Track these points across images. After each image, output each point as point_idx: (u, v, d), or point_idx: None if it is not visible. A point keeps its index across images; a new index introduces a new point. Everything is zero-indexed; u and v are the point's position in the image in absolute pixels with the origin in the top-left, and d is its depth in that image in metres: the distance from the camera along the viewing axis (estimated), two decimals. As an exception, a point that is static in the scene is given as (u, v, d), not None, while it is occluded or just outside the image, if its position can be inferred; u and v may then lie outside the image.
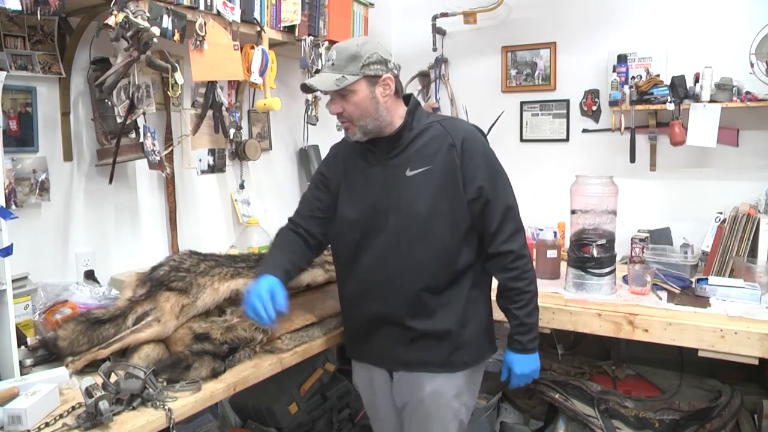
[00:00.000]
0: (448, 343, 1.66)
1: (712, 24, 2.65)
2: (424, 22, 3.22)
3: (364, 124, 1.59)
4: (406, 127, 1.63)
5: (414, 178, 1.60)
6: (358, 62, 1.54)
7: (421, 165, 1.60)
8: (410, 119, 1.64)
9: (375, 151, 1.66)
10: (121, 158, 1.91)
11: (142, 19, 1.64)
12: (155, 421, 1.33)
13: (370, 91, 1.57)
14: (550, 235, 2.45)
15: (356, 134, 1.62)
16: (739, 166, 2.66)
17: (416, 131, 1.63)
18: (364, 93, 1.56)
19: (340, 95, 1.57)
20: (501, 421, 2.71)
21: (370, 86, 1.56)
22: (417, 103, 1.69)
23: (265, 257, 1.83)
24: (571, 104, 3.03)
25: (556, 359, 2.73)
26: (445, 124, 1.65)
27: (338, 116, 1.62)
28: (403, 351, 1.67)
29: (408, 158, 1.62)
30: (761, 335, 1.79)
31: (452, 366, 1.68)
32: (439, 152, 1.60)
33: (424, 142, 1.62)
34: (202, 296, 1.71)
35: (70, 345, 1.55)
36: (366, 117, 1.58)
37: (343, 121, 1.62)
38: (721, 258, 2.40)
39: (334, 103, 1.60)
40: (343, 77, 1.54)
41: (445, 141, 1.60)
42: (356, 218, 1.67)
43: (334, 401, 2.50)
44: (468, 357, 1.70)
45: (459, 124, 1.68)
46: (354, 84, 1.55)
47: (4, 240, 1.38)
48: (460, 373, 1.69)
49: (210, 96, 2.13)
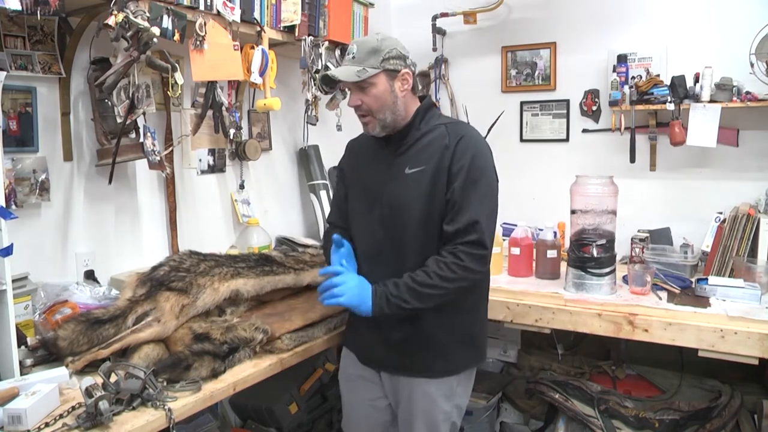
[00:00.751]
0: (432, 350, 1.66)
1: (712, 24, 2.65)
2: (424, 22, 3.22)
3: (383, 117, 1.63)
4: (413, 126, 1.67)
5: (410, 176, 1.64)
6: (378, 56, 1.58)
7: (418, 165, 1.63)
8: (418, 119, 1.67)
9: (384, 148, 1.71)
10: (121, 158, 1.91)
11: (142, 19, 1.64)
12: (155, 421, 1.33)
13: (389, 84, 1.61)
14: (550, 235, 2.45)
15: (375, 128, 1.66)
16: (739, 166, 2.66)
17: (422, 131, 1.67)
18: (383, 86, 1.60)
19: (360, 88, 1.61)
20: (501, 421, 2.71)
21: (389, 80, 1.61)
22: (430, 105, 1.73)
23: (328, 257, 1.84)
24: (571, 104, 3.03)
25: (556, 359, 2.73)
26: (450, 127, 1.67)
27: (356, 109, 1.65)
28: (388, 353, 1.70)
29: (410, 157, 1.66)
30: (761, 335, 1.79)
31: (434, 372, 1.67)
32: (435, 154, 1.63)
33: (426, 143, 1.65)
34: (202, 296, 1.72)
35: (70, 345, 1.55)
36: (385, 110, 1.62)
37: (362, 114, 1.65)
38: (721, 258, 2.40)
39: (353, 96, 1.64)
40: (363, 69, 1.58)
41: (442, 143, 1.63)
42: (362, 210, 1.73)
43: (334, 401, 2.50)
44: (452, 365, 1.69)
45: (462, 128, 1.69)
46: (374, 77, 1.59)
47: (4, 240, 1.38)
48: (449, 377, 1.69)
49: (210, 96, 2.13)
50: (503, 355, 2.87)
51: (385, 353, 1.70)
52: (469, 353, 1.73)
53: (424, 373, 1.67)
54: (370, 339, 1.72)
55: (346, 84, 1.66)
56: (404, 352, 1.67)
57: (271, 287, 1.92)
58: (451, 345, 1.68)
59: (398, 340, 1.67)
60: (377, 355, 1.73)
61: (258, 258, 2.01)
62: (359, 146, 1.84)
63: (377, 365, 1.76)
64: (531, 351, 2.85)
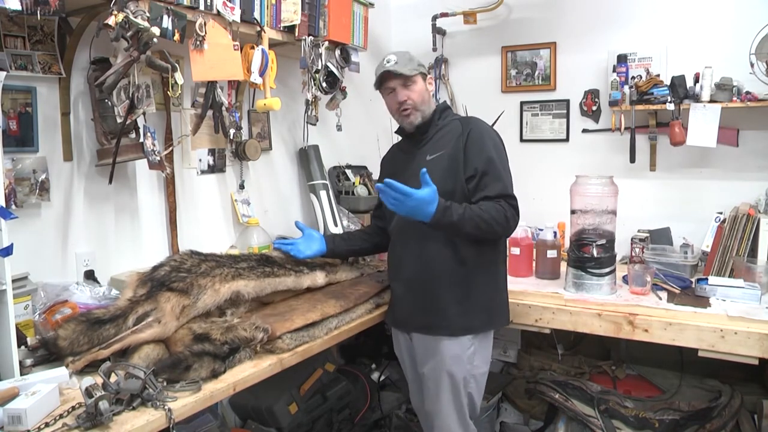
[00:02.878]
0: (452, 310, 1.91)
1: (712, 24, 2.65)
2: (424, 22, 3.22)
3: (423, 109, 1.98)
4: (432, 122, 2.01)
5: (432, 161, 1.93)
6: (414, 62, 1.98)
7: (438, 150, 1.95)
8: (436, 116, 2.02)
9: (409, 145, 2.07)
10: (121, 158, 1.91)
11: (142, 19, 1.64)
12: (155, 422, 1.33)
13: (424, 84, 2.00)
14: (550, 235, 2.45)
15: (417, 118, 1.98)
16: (739, 166, 2.66)
17: (440, 126, 2.01)
18: (421, 85, 1.98)
19: (405, 86, 1.95)
20: (501, 421, 2.72)
21: (423, 80, 2.00)
22: (446, 106, 2.09)
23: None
24: (571, 104, 3.03)
25: (556, 359, 2.73)
26: (463, 120, 2.02)
27: (402, 104, 1.96)
28: (415, 315, 1.98)
29: (430, 146, 1.99)
30: (761, 335, 1.79)
31: (456, 330, 1.91)
32: (451, 141, 1.94)
33: (444, 133, 1.99)
34: (203, 297, 1.72)
35: (71, 345, 1.55)
36: (424, 104, 1.98)
37: (406, 108, 1.96)
38: (721, 258, 2.40)
39: (401, 93, 1.95)
40: (413, 68, 1.95)
41: (456, 131, 1.96)
42: None
43: (334, 401, 2.50)
44: (471, 323, 1.93)
45: (474, 121, 2.01)
46: (417, 76, 1.97)
47: (4, 240, 1.38)
48: (466, 337, 1.92)
49: (210, 96, 2.12)
50: (503, 355, 2.87)
51: (415, 316, 1.99)
52: (487, 314, 1.96)
53: (448, 330, 1.91)
54: (405, 305, 2.01)
55: (390, 84, 1.96)
56: (431, 312, 1.93)
57: (272, 289, 1.92)
58: (468, 305, 1.92)
59: (425, 302, 1.94)
60: (409, 318, 2.02)
61: (259, 258, 2.01)
62: (391, 156, 2.21)
63: (408, 328, 2.05)
64: (531, 351, 2.85)
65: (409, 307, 2.00)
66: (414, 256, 1.96)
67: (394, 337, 2.18)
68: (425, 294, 1.95)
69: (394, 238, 2.07)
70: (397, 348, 2.18)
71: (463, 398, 1.94)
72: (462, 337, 1.92)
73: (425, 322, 1.96)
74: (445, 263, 1.91)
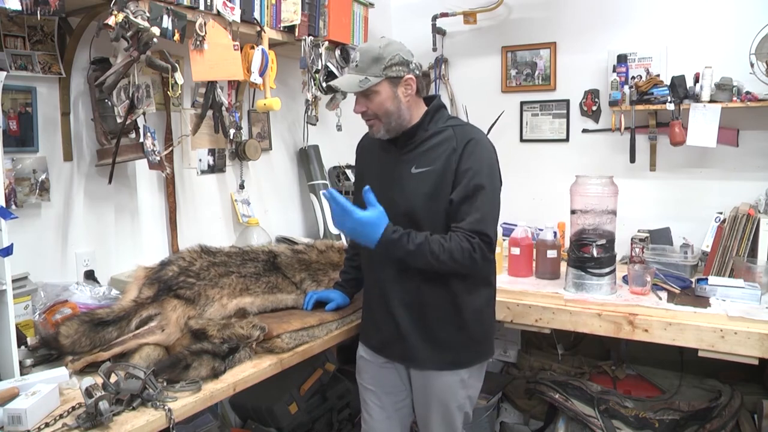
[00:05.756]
0: (441, 342, 1.72)
1: (712, 24, 2.65)
2: (424, 22, 3.22)
3: (387, 121, 1.67)
4: (420, 126, 1.70)
5: (417, 175, 1.67)
6: (380, 64, 1.61)
7: (425, 165, 1.67)
8: (427, 119, 1.71)
9: (392, 147, 1.74)
10: (121, 158, 1.91)
11: (142, 19, 1.64)
12: (155, 422, 1.33)
13: (392, 91, 1.64)
14: (550, 235, 2.45)
15: (380, 131, 1.69)
16: (739, 166, 2.66)
17: (430, 132, 1.70)
18: (386, 93, 1.64)
19: (364, 95, 1.65)
20: (501, 421, 2.72)
21: (392, 87, 1.64)
22: (440, 107, 1.75)
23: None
24: (571, 104, 3.03)
25: (556, 359, 2.73)
26: (457, 130, 1.70)
27: (362, 114, 1.70)
28: (399, 344, 1.75)
29: (416, 156, 1.70)
30: (761, 335, 1.79)
31: (441, 365, 1.72)
32: (442, 155, 1.66)
33: (434, 144, 1.68)
34: (209, 310, 1.72)
35: (72, 344, 1.55)
36: (389, 115, 1.66)
37: (368, 119, 1.70)
38: (721, 258, 2.40)
39: (358, 103, 1.68)
40: (366, 79, 1.61)
41: (450, 145, 1.66)
42: None
43: (334, 401, 2.50)
44: (458, 358, 1.73)
45: (469, 132, 1.70)
46: (377, 85, 1.62)
47: (4, 240, 1.38)
48: (460, 370, 1.74)
49: (210, 96, 2.12)
50: (503, 355, 2.87)
51: (400, 345, 1.75)
52: (475, 346, 1.76)
53: (433, 364, 1.72)
54: (385, 330, 1.77)
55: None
56: (414, 344, 1.72)
57: (273, 306, 1.93)
58: (454, 340, 1.72)
59: (406, 332, 1.72)
60: (393, 347, 1.78)
61: (266, 260, 2.01)
62: (369, 144, 1.86)
63: (391, 356, 1.81)
64: (531, 351, 2.85)
65: (388, 333, 1.77)
66: (395, 281, 1.71)
67: (362, 362, 1.91)
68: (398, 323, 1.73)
69: (368, 257, 1.80)
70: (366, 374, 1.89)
71: (458, 422, 1.79)
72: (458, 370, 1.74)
73: (406, 354, 1.75)
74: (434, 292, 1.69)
